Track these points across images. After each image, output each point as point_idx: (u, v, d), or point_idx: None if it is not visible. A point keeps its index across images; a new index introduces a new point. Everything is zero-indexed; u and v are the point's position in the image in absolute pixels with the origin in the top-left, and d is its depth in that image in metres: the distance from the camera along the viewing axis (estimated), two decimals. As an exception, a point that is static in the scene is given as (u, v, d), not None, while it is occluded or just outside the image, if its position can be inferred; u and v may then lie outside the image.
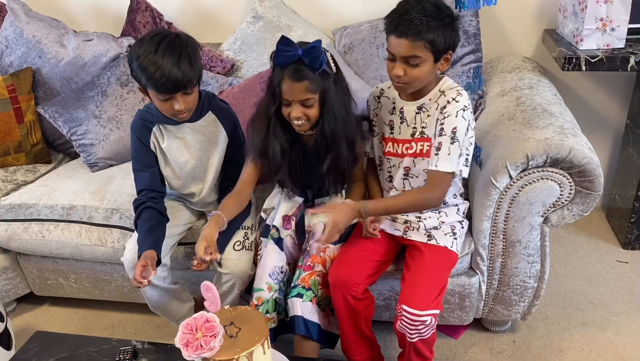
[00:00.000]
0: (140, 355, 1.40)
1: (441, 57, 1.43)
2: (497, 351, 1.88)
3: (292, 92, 1.46)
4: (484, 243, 1.71)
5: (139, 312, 2.16)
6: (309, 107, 1.49)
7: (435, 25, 1.37)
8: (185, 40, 1.52)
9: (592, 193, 1.58)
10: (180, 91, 1.50)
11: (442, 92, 1.50)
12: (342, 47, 2.29)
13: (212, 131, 1.70)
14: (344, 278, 1.53)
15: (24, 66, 2.41)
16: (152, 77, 1.46)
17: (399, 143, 1.59)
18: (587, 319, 1.98)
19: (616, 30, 1.95)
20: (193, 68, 1.49)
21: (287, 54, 1.44)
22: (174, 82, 1.47)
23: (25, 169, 2.37)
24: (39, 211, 2.02)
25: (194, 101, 1.58)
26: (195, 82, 1.53)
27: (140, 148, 1.69)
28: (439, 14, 1.38)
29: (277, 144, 1.56)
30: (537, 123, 1.67)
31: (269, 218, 1.76)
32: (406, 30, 1.37)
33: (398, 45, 1.40)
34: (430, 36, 1.37)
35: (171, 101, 1.52)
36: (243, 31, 2.40)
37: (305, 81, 1.44)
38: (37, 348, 1.45)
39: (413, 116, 1.55)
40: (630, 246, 2.33)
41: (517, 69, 2.16)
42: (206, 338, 1.10)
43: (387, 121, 1.61)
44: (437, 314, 1.49)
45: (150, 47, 1.46)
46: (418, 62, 1.40)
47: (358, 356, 1.62)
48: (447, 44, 1.41)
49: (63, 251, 1.99)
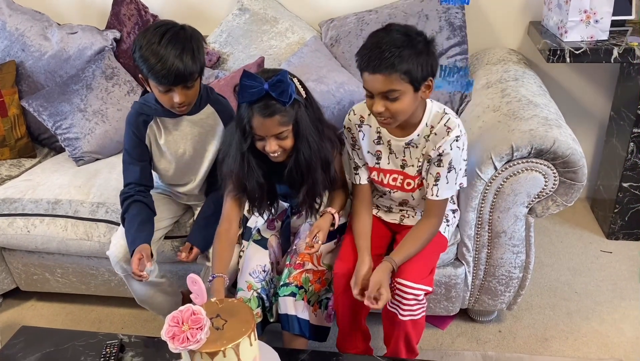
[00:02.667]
0: (127, 349, 1.40)
1: (421, 85, 1.35)
2: (483, 341, 1.90)
3: (265, 128, 1.38)
4: (470, 233, 1.72)
5: (126, 306, 2.16)
6: (283, 140, 1.42)
7: (408, 55, 1.30)
8: (190, 33, 1.51)
9: (576, 184, 1.60)
10: (181, 84, 1.49)
11: (431, 128, 1.45)
12: (329, 39, 2.29)
13: (210, 124, 1.70)
14: (351, 270, 1.52)
15: (7, 59, 2.38)
16: (153, 68, 1.44)
17: (385, 173, 1.57)
18: (571, 308, 2.01)
19: (600, 22, 1.96)
20: (195, 62, 1.47)
21: (252, 90, 1.34)
22: (175, 75, 1.45)
23: (10, 163, 2.34)
24: (23, 206, 2.00)
25: (194, 94, 1.56)
26: (197, 76, 1.51)
27: (134, 142, 1.67)
28: (411, 42, 1.31)
29: (254, 181, 1.49)
30: (522, 115, 1.68)
31: (250, 221, 1.75)
32: (378, 65, 1.30)
33: (373, 82, 1.34)
34: (404, 67, 1.30)
35: (171, 93, 1.51)
36: (229, 24, 2.39)
37: (276, 115, 1.36)
38: (22, 343, 1.45)
39: (402, 150, 1.51)
40: (614, 236, 2.36)
41: (503, 61, 2.17)
42: (192, 330, 1.10)
43: (372, 150, 1.56)
44: (430, 292, 1.51)
45: (154, 38, 1.45)
46: (397, 96, 1.33)
47: (353, 349, 1.63)
48: (425, 71, 1.33)
49: (49, 246, 1.98)
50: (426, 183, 1.50)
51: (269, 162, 1.49)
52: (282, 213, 1.71)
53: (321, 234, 1.52)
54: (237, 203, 1.57)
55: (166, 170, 1.76)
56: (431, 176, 1.48)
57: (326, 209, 1.59)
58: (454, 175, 1.46)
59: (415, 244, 1.51)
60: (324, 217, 1.57)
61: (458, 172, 1.47)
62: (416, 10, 2.17)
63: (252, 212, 1.65)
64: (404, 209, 1.65)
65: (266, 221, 1.71)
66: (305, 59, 2.18)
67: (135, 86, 2.35)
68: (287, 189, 1.59)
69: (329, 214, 1.57)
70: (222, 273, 1.45)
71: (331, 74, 2.12)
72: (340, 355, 1.36)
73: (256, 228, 1.71)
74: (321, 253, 1.62)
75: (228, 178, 1.52)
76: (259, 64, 2.22)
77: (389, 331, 1.55)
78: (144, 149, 1.68)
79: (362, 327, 1.64)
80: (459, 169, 1.46)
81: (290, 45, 2.30)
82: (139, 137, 1.66)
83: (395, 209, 1.66)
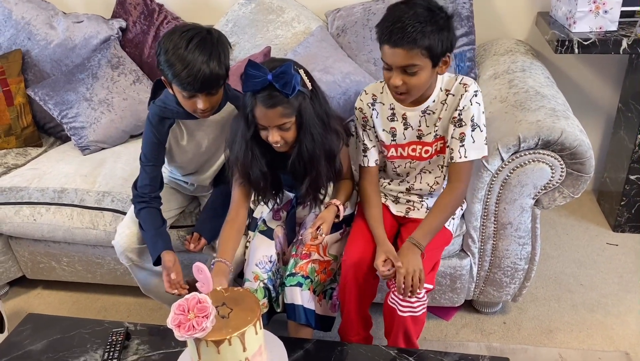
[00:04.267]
0: (133, 337, 1.41)
1: (439, 61, 1.36)
2: (487, 332, 1.90)
3: (267, 118, 1.37)
4: (475, 225, 1.72)
5: (132, 295, 2.17)
6: (286, 131, 1.41)
7: (430, 31, 1.30)
8: (217, 38, 1.45)
9: (583, 175, 1.59)
10: (206, 90, 1.44)
11: (447, 91, 1.45)
12: (335, 29, 2.28)
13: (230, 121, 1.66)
14: (361, 260, 1.52)
15: (13, 47, 2.38)
16: (179, 75, 1.39)
17: (404, 147, 1.56)
18: (576, 301, 2.01)
19: (609, 13, 1.94)
20: (222, 68, 1.43)
21: (256, 80, 1.33)
22: (202, 82, 1.40)
23: (16, 152, 2.35)
24: (30, 195, 2.01)
25: (217, 100, 1.52)
26: (223, 82, 1.48)
27: (154, 144, 1.62)
28: (433, 18, 1.31)
29: (257, 170, 1.49)
30: (529, 105, 1.67)
31: (256, 211, 1.75)
32: (400, 39, 1.30)
33: (393, 56, 1.33)
34: (426, 42, 1.30)
35: (195, 98, 1.46)
36: (235, 13, 2.38)
37: (278, 107, 1.35)
38: (29, 330, 1.46)
39: (418, 120, 1.50)
40: (620, 228, 2.35)
41: (510, 52, 2.15)
42: (198, 318, 1.11)
43: (387, 128, 1.55)
44: (431, 290, 1.50)
45: (181, 42, 1.40)
46: (416, 71, 1.34)
47: (355, 336, 1.63)
48: (444, 47, 1.34)
49: (55, 235, 1.98)
50: (450, 149, 1.48)
51: (273, 151, 1.49)
52: (288, 203, 1.71)
53: (325, 225, 1.51)
54: (245, 191, 1.57)
55: (183, 165, 1.74)
56: (455, 140, 1.45)
57: (331, 200, 1.59)
58: (479, 133, 1.44)
59: (436, 217, 1.49)
60: (329, 209, 1.57)
61: (483, 130, 1.44)
62: (423, 0, 2.15)
63: (257, 201, 1.65)
64: (411, 200, 1.64)
65: (271, 211, 1.71)
66: (311, 49, 2.17)
67: (141, 75, 2.34)
68: (291, 180, 1.59)
69: (333, 205, 1.57)
70: (225, 259, 1.45)
71: (337, 64, 2.10)
72: (345, 344, 1.36)
73: (262, 219, 1.71)
74: (327, 244, 1.62)
75: (234, 166, 1.52)
76: (265, 54, 2.21)
77: (389, 324, 1.54)
78: (162, 153, 1.66)
79: (365, 315, 1.64)
80: (483, 126, 1.44)
81: (296, 35, 2.29)
82: (160, 139, 1.62)
83: (402, 199, 1.65)
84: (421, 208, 1.62)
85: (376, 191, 1.63)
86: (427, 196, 1.63)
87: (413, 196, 1.64)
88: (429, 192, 1.62)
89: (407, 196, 1.65)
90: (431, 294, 1.72)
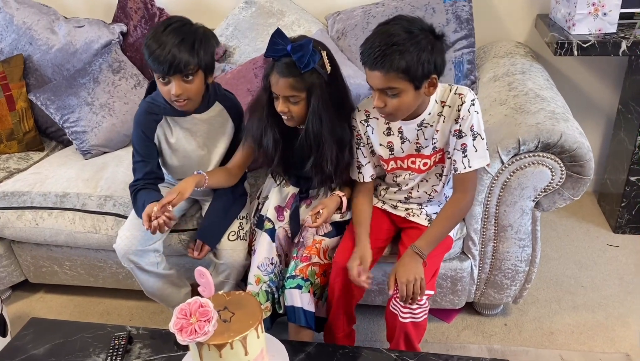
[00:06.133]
0: (135, 341, 1.41)
1: (422, 83, 1.33)
2: (489, 334, 1.91)
3: (278, 86, 1.44)
4: (476, 227, 1.72)
5: (134, 298, 2.17)
6: (294, 104, 1.46)
7: (408, 52, 1.26)
8: (196, 29, 1.53)
9: (583, 178, 1.59)
10: (177, 73, 1.49)
11: (442, 103, 1.43)
12: (335, 32, 2.28)
13: (220, 121, 1.70)
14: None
15: (15, 52, 2.39)
16: (152, 54, 1.47)
17: (403, 160, 1.55)
18: (577, 302, 2.01)
19: (608, 15, 1.95)
20: (193, 54, 1.49)
21: (277, 47, 1.41)
22: (170, 62, 1.46)
23: (18, 157, 2.36)
24: (32, 199, 2.01)
25: (195, 90, 1.55)
26: (195, 69, 1.51)
27: (143, 141, 1.67)
28: (412, 39, 1.27)
29: (270, 135, 1.55)
30: (528, 108, 1.68)
31: (262, 209, 1.76)
32: (377, 62, 1.28)
33: (372, 78, 1.33)
34: (403, 65, 1.27)
35: (170, 85, 1.52)
36: (235, 17, 2.38)
37: (291, 78, 1.41)
38: (32, 335, 1.46)
39: (415, 133, 1.48)
40: (621, 230, 2.35)
41: (510, 54, 2.16)
42: (200, 322, 1.11)
43: (384, 142, 1.54)
44: (431, 296, 1.51)
45: (161, 27, 1.50)
46: (396, 93, 1.32)
47: (340, 333, 1.64)
48: (426, 69, 1.30)
49: (57, 239, 1.99)
50: (453, 161, 1.46)
51: (285, 127, 1.54)
52: (291, 200, 1.72)
53: (325, 210, 1.55)
54: (249, 154, 1.67)
55: (176, 167, 1.76)
56: (457, 151, 1.44)
57: (335, 192, 1.62)
58: (481, 142, 1.42)
59: (440, 225, 1.49)
60: (331, 198, 1.61)
61: (484, 137, 1.43)
62: (423, 3, 2.15)
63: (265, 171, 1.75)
64: (410, 208, 1.64)
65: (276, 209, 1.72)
66: (311, 53, 2.18)
67: (142, 80, 2.35)
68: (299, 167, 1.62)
69: (336, 196, 1.61)
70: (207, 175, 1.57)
71: (337, 67, 2.11)
72: (347, 347, 1.36)
73: (267, 217, 1.72)
74: (327, 247, 1.63)
75: (249, 130, 1.59)
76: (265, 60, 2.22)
77: (391, 329, 1.55)
78: (152, 148, 1.69)
79: (350, 312, 1.64)
80: (483, 133, 1.42)
81: (297, 39, 2.30)
82: (148, 136, 1.66)
83: (401, 207, 1.65)
84: (420, 215, 1.62)
85: (368, 200, 1.63)
86: (426, 203, 1.63)
87: (412, 205, 1.64)
88: (428, 199, 1.62)
89: (405, 204, 1.65)
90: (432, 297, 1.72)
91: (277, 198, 1.73)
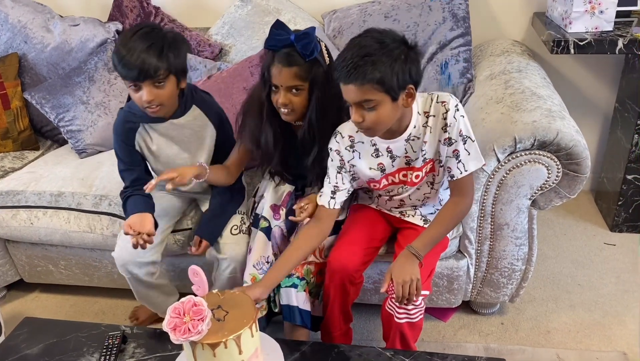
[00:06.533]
0: (130, 340, 1.40)
1: (399, 94, 1.28)
2: (485, 333, 1.90)
3: (281, 77, 1.42)
4: (472, 226, 1.72)
5: (130, 298, 2.14)
6: (296, 95, 1.44)
7: (381, 63, 1.23)
8: (165, 34, 1.49)
9: (579, 176, 1.59)
10: (147, 79, 1.45)
11: (426, 113, 1.40)
12: (332, 30, 2.28)
13: (199, 125, 1.67)
14: (346, 265, 1.52)
15: (10, 51, 2.38)
16: (121, 60, 1.44)
17: (394, 175, 1.51)
18: (574, 301, 2.01)
19: (605, 13, 1.95)
20: (162, 59, 1.45)
21: (279, 37, 1.41)
22: (139, 68, 1.43)
23: (13, 156, 2.35)
24: (27, 198, 2.00)
25: (167, 95, 1.52)
26: (165, 74, 1.47)
27: (124, 150, 1.66)
28: (384, 50, 1.24)
29: (270, 131, 1.53)
30: (525, 106, 1.67)
31: (258, 207, 1.76)
32: (350, 75, 1.25)
33: (347, 92, 1.29)
34: (377, 76, 1.23)
35: (141, 92, 1.48)
36: (231, 15, 2.38)
37: (295, 67, 1.41)
38: (26, 334, 1.45)
39: (403, 149, 1.44)
40: (618, 228, 2.35)
41: (507, 53, 2.15)
42: (194, 321, 1.11)
43: (374, 165, 1.49)
44: (427, 295, 1.50)
45: (129, 33, 1.47)
46: (373, 106, 1.28)
47: (336, 331, 1.64)
48: (402, 80, 1.26)
49: (52, 238, 1.98)
50: (448, 168, 1.43)
51: (284, 122, 1.53)
52: (287, 198, 1.71)
53: (311, 205, 1.55)
54: (245, 154, 1.66)
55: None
56: (450, 158, 1.42)
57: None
58: (472, 144, 1.40)
59: (440, 228, 1.46)
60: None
61: (474, 139, 1.40)
62: (419, 1, 2.15)
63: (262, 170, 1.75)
64: (403, 211, 1.63)
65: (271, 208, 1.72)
66: (307, 51, 2.17)
67: (138, 78, 2.34)
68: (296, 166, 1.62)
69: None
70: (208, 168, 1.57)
71: (334, 65, 2.11)
72: (342, 346, 1.36)
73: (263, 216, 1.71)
74: (323, 246, 1.62)
75: (245, 130, 1.58)
76: (262, 56, 2.21)
77: (387, 329, 1.54)
78: (135, 155, 1.68)
79: (346, 311, 1.63)
80: (472, 135, 1.40)
81: (293, 37, 2.29)
82: (129, 145, 1.66)
83: (396, 211, 1.64)
84: (415, 215, 1.61)
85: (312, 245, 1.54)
86: (420, 206, 1.61)
87: (405, 208, 1.62)
88: (422, 204, 1.60)
89: (400, 208, 1.63)
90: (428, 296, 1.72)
91: (273, 196, 1.73)
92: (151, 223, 1.58)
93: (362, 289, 1.81)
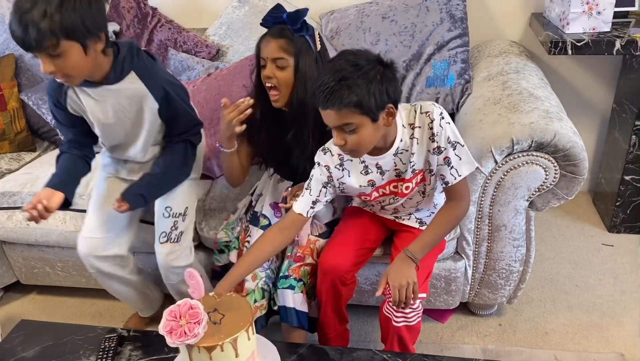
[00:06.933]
0: (126, 343, 1.40)
1: (379, 115, 1.27)
2: (483, 334, 1.90)
3: (268, 48, 1.48)
4: (470, 227, 1.71)
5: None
6: (281, 69, 1.48)
7: (356, 85, 1.22)
8: None
9: (576, 177, 1.58)
10: (35, 51, 1.26)
11: (411, 125, 1.39)
12: (329, 31, 2.27)
13: (137, 95, 1.50)
14: (336, 266, 1.52)
15: (6, 52, 2.37)
16: (11, 31, 1.26)
17: (385, 187, 1.50)
18: (572, 302, 2.00)
19: (602, 14, 1.94)
20: (45, 24, 1.21)
21: (274, 14, 1.50)
22: (22, 40, 1.24)
23: (10, 157, 2.34)
24: (22, 199, 2.00)
25: (71, 65, 1.31)
26: (53, 42, 1.24)
27: (58, 112, 1.56)
28: (359, 72, 1.23)
29: (258, 108, 1.57)
30: (522, 107, 1.67)
31: (257, 205, 1.75)
32: (327, 100, 1.24)
33: (327, 117, 1.28)
34: (353, 100, 1.22)
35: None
36: (229, 16, 2.37)
37: (282, 39, 1.47)
38: (22, 337, 1.45)
39: (392, 162, 1.43)
40: (616, 229, 2.35)
41: (504, 53, 2.15)
42: (190, 324, 1.10)
43: (364, 182, 1.48)
44: (424, 298, 1.50)
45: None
46: (354, 128, 1.27)
47: (332, 333, 1.63)
48: (379, 100, 1.25)
49: (48, 239, 1.98)
50: (441, 176, 1.42)
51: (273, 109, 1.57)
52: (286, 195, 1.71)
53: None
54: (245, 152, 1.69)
55: (103, 139, 1.64)
56: (442, 166, 1.40)
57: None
58: (462, 148, 1.38)
59: (437, 231, 1.45)
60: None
61: (463, 143, 1.39)
62: (417, 2, 2.15)
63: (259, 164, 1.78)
64: (398, 215, 1.63)
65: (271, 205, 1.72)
66: (305, 52, 2.17)
67: (135, 79, 2.33)
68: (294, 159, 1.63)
69: None
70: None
71: (331, 66, 2.10)
72: (338, 349, 1.35)
73: (262, 213, 1.71)
74: (321, 247, 1.62)
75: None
76: (259, 57, 2.21)
77: (385, 332, 1.54)
78: (69, 115, 1.56)
79: (341, 312, 1.63)
80: (461, 140, 1.39)
81: (290, 38, 2.28)
82: (60, 107, 1.54)
83: (390, 216, 1.64)
84: (410, 219, 1.60)
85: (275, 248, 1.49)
86: (414, 211, 1.60)
87: (400, 214, 1.62)
88: (416, 209, 1.59)
89: (394, 214, 1.63)
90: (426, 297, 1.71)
91: (272, 194, 1.72)
92: (57, 203, 1.46)
93: (360, 290, 1.82)
